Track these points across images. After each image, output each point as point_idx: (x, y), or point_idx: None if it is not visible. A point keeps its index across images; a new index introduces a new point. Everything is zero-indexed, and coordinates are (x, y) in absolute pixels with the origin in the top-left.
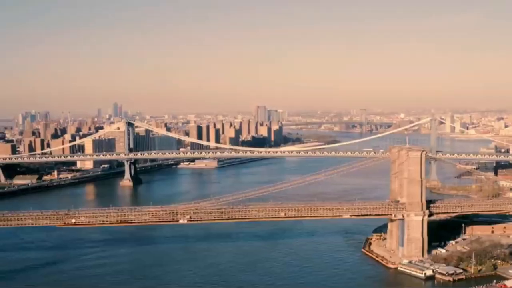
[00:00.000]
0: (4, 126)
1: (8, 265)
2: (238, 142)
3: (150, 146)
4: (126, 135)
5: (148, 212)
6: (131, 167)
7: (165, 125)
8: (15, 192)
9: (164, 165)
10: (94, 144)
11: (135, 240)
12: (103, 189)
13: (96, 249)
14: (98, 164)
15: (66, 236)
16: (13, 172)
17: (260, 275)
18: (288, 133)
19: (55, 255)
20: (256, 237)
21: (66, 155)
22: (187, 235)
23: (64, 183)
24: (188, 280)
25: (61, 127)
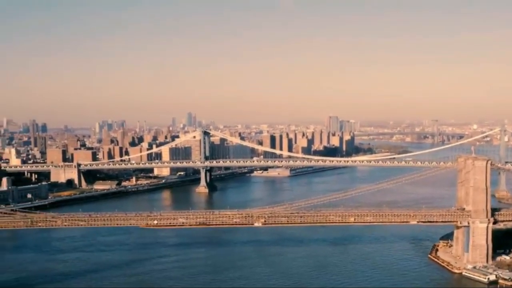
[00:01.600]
0: (82, 134)
1: (90, 265)
2: (310, 151)
3: (225, 155)
4: (202, 143)
5: (225, 215)
6: (207, 175)
7: (239, 134)
8: (96, 196)
9: (238, 173)
10: (171, 152)
11: (212, 243)
12: (180, 195)
13: (174, 251)
14: (174, 171)
15: (145, 238)
16: (93, 178)
17: (330, 277)
18: (359, 143)
19: (136, 256)
20: (326, 242)
21: (144, 162)
22: (261, 239)
23: (142, 189)
24: (262, 282)
25: (137, 136)
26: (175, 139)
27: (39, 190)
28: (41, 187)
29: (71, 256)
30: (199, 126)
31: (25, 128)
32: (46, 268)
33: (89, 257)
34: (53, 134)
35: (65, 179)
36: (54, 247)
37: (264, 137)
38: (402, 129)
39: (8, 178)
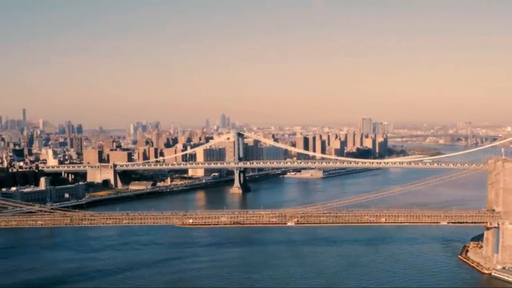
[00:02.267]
0: (117, 135)
1: (126, 264)
2: (343, 153)
3: (258, 156)
4: (236, 145)
5: (258, 214)
6: (241, 176)
7: (273, 136)
8: (131, 197)
9: (271, 174)
10: (205, 153)
11: (245, 243)
12: (214, 195)
13: (209, 250)
14: (209, 172)
15: (180, 238)
16: (129, 179)
17: (361, 277)
18: (392, 145)
19: (171, 254)
20: (358, 242)
21: (179, 163)
22: (294, 239)
23: (176, 190)
24: (295, 280)
25: (172, 137)
26: (209, 141)
27: (76, 190)
28: (78, 187)
29: (107, 255)
30: (232, 128)
31: (60, 129)
32: (82, 266)
33: (124, 255)
34: (89, 135)
35: (101, 179)
36: (91, 246)
37: (298, 139)
38: (436, 131)
39: (46, 178)
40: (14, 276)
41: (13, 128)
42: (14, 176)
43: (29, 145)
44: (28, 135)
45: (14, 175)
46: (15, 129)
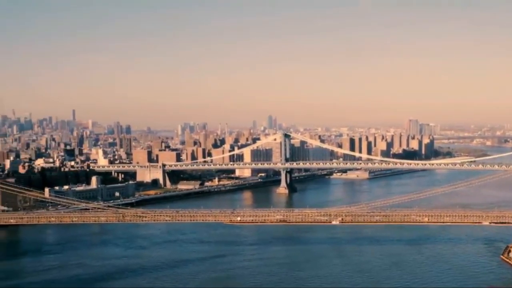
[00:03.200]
0: (165, 136)
1: (175, 260)
2: (389, 154)
3: (305, 157)
4: (282, 146)
5: (304, 213)
6: (287, 176)
7: (319, 137)
8: (179, 196)
9: (317, 175)
10: (252, 154)
11: (291, 241)
12: (260, 195)
13: (256, 248)
14: (255, 173)
15: (227, 236)
16: (177, 178)
17: (403, 276)
18: (439, 147)
19: (219, 252)
20: (401, 241)
21: (226, 164)
22: (338, 238)
23: (223, 189)
24: (340, 278)
25: (219, 138)
26: (256, 141)
27: (126, 189)
28: (128, 186)
29: (156, 252)
30: (279, 129)
31: (109, 130)
32: (131, 262)
33: (173, 252)
34: (137, 136)
35: (150, 179)
36: (140, 243)
37: (344, 140)
38: (483, 133)
39: (98, 177)
40: (67, 270)
41: (63, 128)
42: (66, 175)
43: (80, 145)
44: (78, 135)
45: (66, 174)
46: (65, 129)
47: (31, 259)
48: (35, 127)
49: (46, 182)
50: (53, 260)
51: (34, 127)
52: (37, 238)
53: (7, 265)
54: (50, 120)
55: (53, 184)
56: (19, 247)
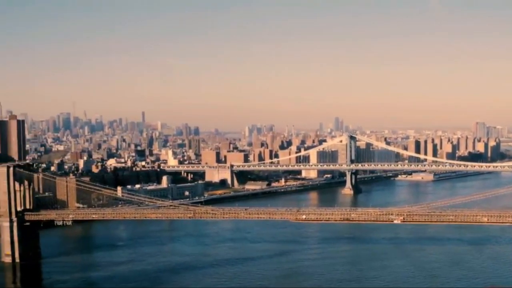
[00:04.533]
0: (232, 137)
1: (242, 256)
2: (455, 157)
3: (370, 159)
4: (348, 147)
5: (367, 212)
6: (352, 177)
7: (385, 139)
8: (247, 195)
9: (382, 177)
10: (318, 155)
11: (354, 239)
12: (325, 196)
13: (320, 245)
14: (321, 174)
15: (293, 233)
16: (245, 179)
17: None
18: (505, 150)
19: (285, 248)
20: (462, 241)
21: (293, 165)
22: (400, 237)
23: (290, 190)
24: (401, 275)
25: (286, 140)
26: (322, 143)
27: (195, 188)
28: (197, 186)
29: (223, 248)
30: (346, 131)
31: (178, 131)
32: (200, 257)
33: (240, 249)
34: (205, 137)
35: (218, 179)
36: (208, 240)
37: (409, 142)
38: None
39: (168, 177)
40: (141, 263)
41: (133, 129)
42: (138, 174)
43: (149, 146)
44: (148, 136)
45: (138, 174)
46: (135, 130)
47: (104, 253)
48: (106, 128)
49: (119, 181)
50: (124, 254)
51: (105, 128)
52: (109, 233)
53: (81, 259)
54: (120, 122)
55: (125, 183)
56: (93, 242)
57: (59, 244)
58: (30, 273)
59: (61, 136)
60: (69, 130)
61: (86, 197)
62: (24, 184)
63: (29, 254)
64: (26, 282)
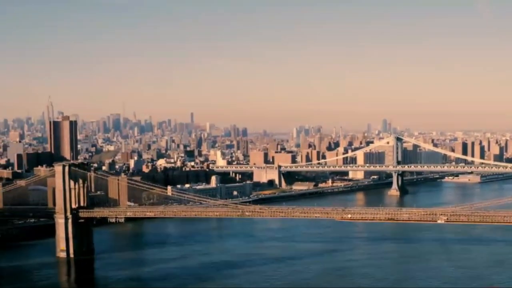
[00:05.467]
0: (280, 139)
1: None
2: (503, 159)
3: (417, 160)
4: (394, 149)
5: (411, 212)
6: (399, 178)
7: (432, 141)
8: (294, 196)
9: (429, 178)
10: (365, 157)
11: (399, 239)
12: (372, 196)
13: (365, 244)
14: (368, 175)
15: (339, 232)
16: (292, 179)
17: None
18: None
19: (330, 247)
20: (506, 242)
21: (340, 166)
22: (445, 237)
23: (336, 191)
24: (447, 275)
25: (333, 141)
26: (370, 145)
27: (243, 188)
28: (245, 186)
29: (272, 245)
30: (394, 133)
31: (226, 132)
32: (249, 254)
33: (288, 246)
34: (253, 138)
35: (266, 179)
36: (256, 238)
37: (456, 144)
38: None
39: (217, 177)
40: (191, 260)
41: (182, 130)
42: (187, 174)
43: (198, 147)
44: (197, 137)
45: (187, 174)
46: (184, 131)
47: (154, 250)
48: (155, 129)
49: (168, 181)
50: (174, 252)
51: (154, 129)
52: (159, 231)
53: (133, 255)
54: (169, 123)
55: (175, 183)
56: (144, 239)
57: (112, 240)
58: (83, 268)
59: (111, 136)
60: (119, 131)
61: (137, 196)
62: (79, 182)
63: (82, 249)
64: (80, 276)
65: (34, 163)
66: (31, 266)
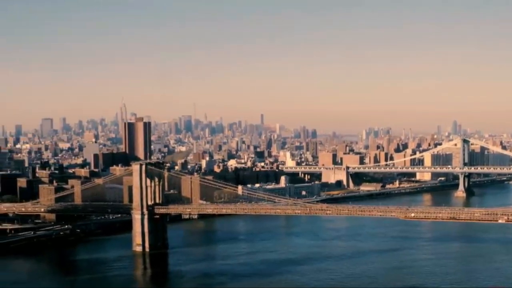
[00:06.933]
0: (349, 140)
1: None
2: None
3: (484, 162)
4: (461, 151)
5: (472, 211)
6: (465, 180)
7: (501, 143)
8: (361, 196)
9: (496, 180)
10: (432, 158)
11: (462, 238)
12: (438, 198)
13: (428, 243)
14: (435, 177)
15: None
16: (360, 180)
17: None
18: None
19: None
20: None
21: (407, 167)
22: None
23: (403, 192)
24: (508, 274)
25: (402, 143)
26: (438, 147)
27: (312, 188)
28: (313, 186)
29: (338, 244)
30: (464, 135)
31: (296, 134)
32: (314, 252)
33: (353, 244)
34: (322, 140)
35: (334, 180)
36: (323, 236)
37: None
38: None
39: (286, 177)
40: (260, 255)
41: (252, 132)
42: (257, 174)
43: (268, 148)
44: (267, 138)
45: (257, 174)
46: (254, 133)
47: (226, 245)
48: (225, 131)
49: (239, 180)
50: (244, 247)
51: (224, 130)
52: (230, 228)
53: (205, 250)
54: (240, 124)
55: (245, 182)
56: (215, 235)
57: (185, 236)
58: (158, 262)
59: (183, 137)
60: (190, 132)
61: (209, 195)
62: (155, 180)
63: (157, 244)
64: (155, 269)
65: (109, 162)
66: (108, 259)
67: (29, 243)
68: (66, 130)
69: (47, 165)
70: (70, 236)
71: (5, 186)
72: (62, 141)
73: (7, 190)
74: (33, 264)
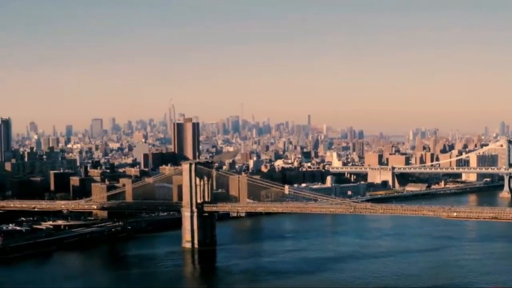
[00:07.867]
0: (396, 141)
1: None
2: None
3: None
4: (506, 151)
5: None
6: (510, 181)
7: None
8: (406, 196)
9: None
10: (478, 159)
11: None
12: (483, 199)
13: (473, 243)
14: (481, 177)
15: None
16: (405, 181)
17: None
18: None
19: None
20: None
21: (452, 168)
22: None
23: (448, 192)
24: None
25: (449, 144)
26: (483, 147)
27: (357, 188)
28: (359, 186)
29: (381, 242)
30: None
31: (343, 135)
32: (360, 250)
33: (397, 243)
34: (369, 140)
35: (380, 180)
36: (366, 234)
37: None
38: None
39: (332, 177)
40: (306, 252)
41: (299, 132)
42: (304, 174)
43: (315, 148)
44: (313, 139)
45: (304, 174)
46: (301, 133)
47: (272, 242)
48: (273, 131)
49: (286, 180)
50: (290, 244)
51: (272, 131)
52: (276, 226)
53: (252, 247)
54: (287, 125)
55: (292, 182)
56: (262, 233)
57: (232, 233)
58: (206, 258)
59: (230, 138)
60: (238, 133)
61: (256, 194)
62: (204, 179)
63: (206, 241)
64: (203, 265)
65: (158, 162)
66: (158, 255)
67: (82, 239)
68: (116, 130)
69: (98, 164)
70: (121, 233)
71: (58, 184)
72: (112, 141)
73: (61, 188)
74: (86, 259)
